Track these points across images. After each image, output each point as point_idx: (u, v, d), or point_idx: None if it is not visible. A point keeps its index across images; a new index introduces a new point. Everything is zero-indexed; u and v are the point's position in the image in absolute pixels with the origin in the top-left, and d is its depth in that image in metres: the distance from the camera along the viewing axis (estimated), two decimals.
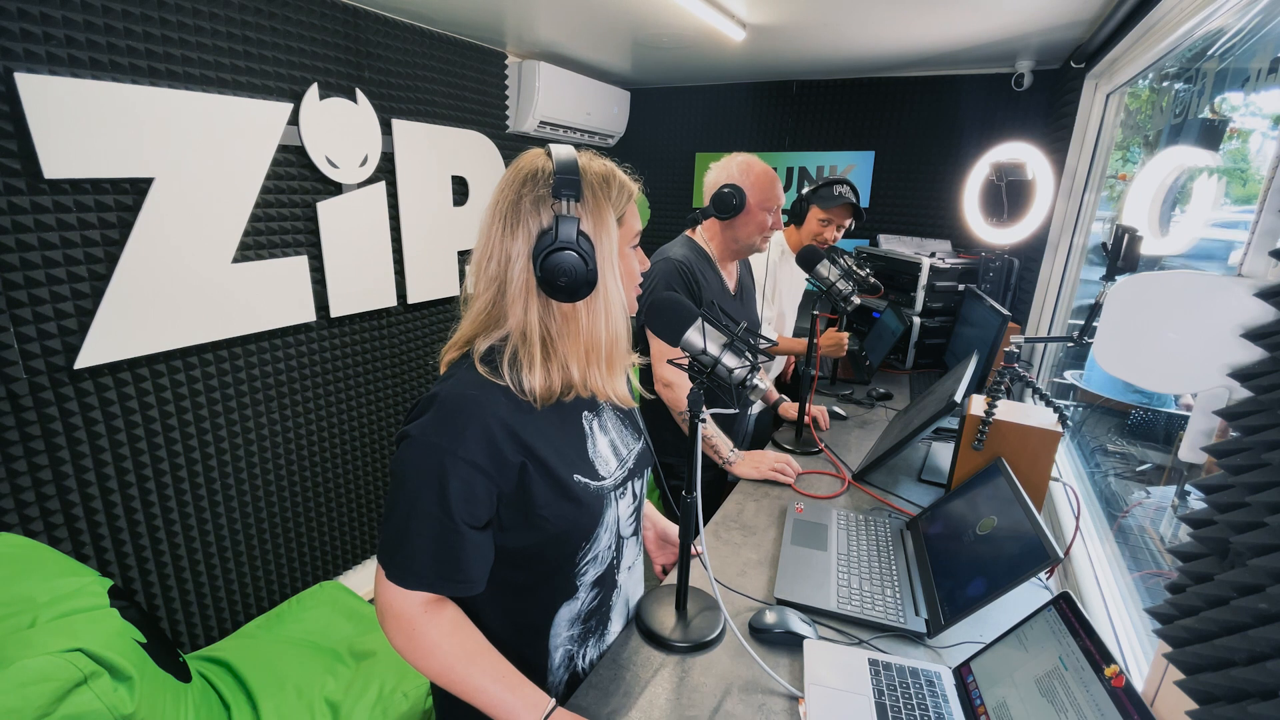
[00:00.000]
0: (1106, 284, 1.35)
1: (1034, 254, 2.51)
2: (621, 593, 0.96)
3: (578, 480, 0.81)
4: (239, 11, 1.78)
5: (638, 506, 0.95)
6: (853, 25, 2.21)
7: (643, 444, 0.97)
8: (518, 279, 0.76)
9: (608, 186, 0.79)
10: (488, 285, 0.78)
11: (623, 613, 0.98)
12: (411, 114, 2.38)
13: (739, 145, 3.49)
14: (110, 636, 1.13)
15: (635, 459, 0.93)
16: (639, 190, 0.84)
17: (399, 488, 0.76)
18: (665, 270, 1.54)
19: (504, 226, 0.76)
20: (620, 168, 0.84)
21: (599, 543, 0.86)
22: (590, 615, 0.90)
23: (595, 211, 0.77)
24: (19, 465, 1.50)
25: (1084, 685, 0.73)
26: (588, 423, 0.87)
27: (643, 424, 1.01)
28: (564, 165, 0.75)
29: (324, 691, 1.52)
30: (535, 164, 0.78)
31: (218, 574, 1.99)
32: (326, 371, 2.24)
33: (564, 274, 0.73)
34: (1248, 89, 1.37)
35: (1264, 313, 0.64)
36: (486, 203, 0.80)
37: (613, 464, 0.88)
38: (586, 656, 0.93)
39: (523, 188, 0.76)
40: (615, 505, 0.87)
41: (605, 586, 0.91)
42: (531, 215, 0.75)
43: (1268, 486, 0.56)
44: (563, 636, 0.88)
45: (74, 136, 1.48)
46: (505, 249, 0.76)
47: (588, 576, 0.87)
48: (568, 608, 0.87)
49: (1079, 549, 1.33)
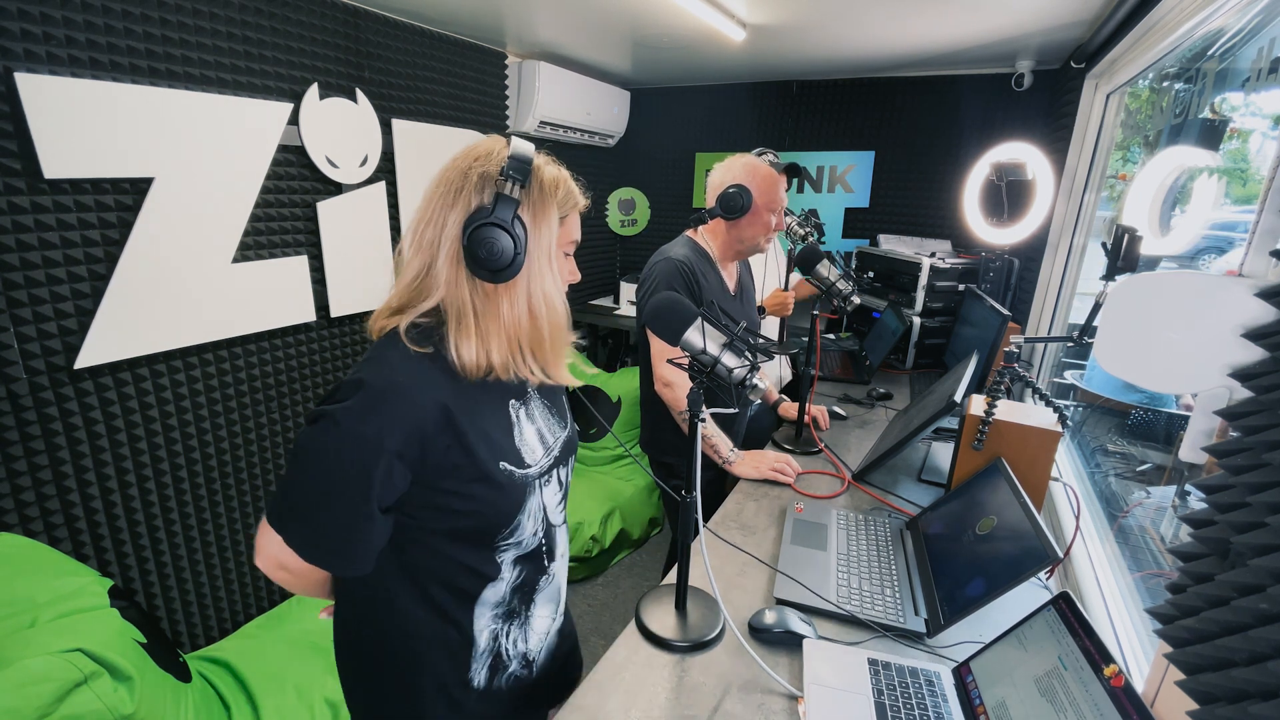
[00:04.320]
0: (1106, 284, 1.35)
1: (1034, 254, 2.51)
2: (553, 580, 0.95)
3: (503, 468, 0.81)
4: (239, 11, 1.78)
5: (564, 493, 0.95)
6: (853, 25, 2.21)
7: (569, 431, 0.97)
8: (448, 247, 0.77)
9: (556, 187, 0.81)
10: (419, 250, 0.79)
11: (552, 599, 0.97)
12: (411, 114, 2.38)
13: (739, 145, 3.47)
14: (110, 636, 1.13)
15: (561, 447, 0.94)
16: (586, 203, 0.85)
17: (309, 467, 0.75)
18: (666, 270, 1.54)
19: (444, 197, 0.77)
20: (574, 181, 0.85)
21: (522, 530, 0.85)
22: (514, 594, 0.90)
23: (538, 203, 0.78)
24: (19, 465, 1.50)
25: (1083, 685, 0.73)
26: (514, 411, 0.87)
27: (569, 411, 1.01)
28: (518, 154, 0.76)
29: (324, 691, 1.52)
30: (492, 146, 0.79)
31: (218, 574, 1.99)
32: (326, 371, 2.24)
33: (488, 251, 0.73)
34: (1248, 89, 1.37)
35: (1264, 313, 0.64)
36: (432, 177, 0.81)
37: (539, 452, 0.88)
38: (511, 637, 0.91)
39: (473, 164, 0.78)
40: (539, 493, 0.87)
41: (531, 568, 0.90)
42: (475, 191, 0.76)
43: (1268, 486, 0.56)
44: (487, 616, 0.88)
45: (74, 136, 1.47)
46: (443, 217, 0.77)
47: (508, 555, 0.86)
48: (492, 589, 0.87)
49: (1079, 549, 1.33)
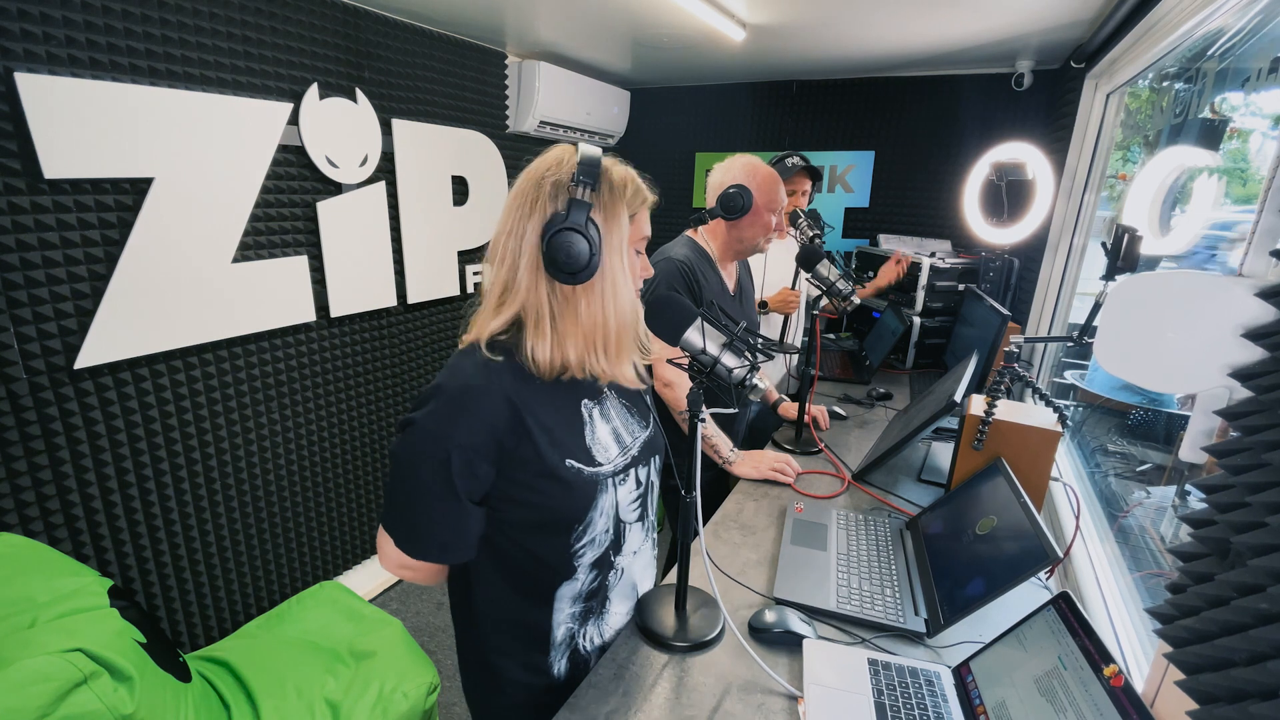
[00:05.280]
0: (1106, 284, 1.35)
1: (1034, 254, 2.51)
2: (624, 576, 0.97)
3: (570, 465, 0.84)
4: (239, 11, 1.78)
5: (643, 493, 0.96)
6: (853, 25, 2.21)
7: (651, 431, 0.99)
8: (527, 256, 0.81)
9: (625, 186, 0.84)
10: (502, 262, 0.83)
11: (627, 595, 1.00)
12: (411, 114, 2.38)
13: (739, 145, 3.49)
14: (110, 636, 1.13)
15: (640, 447, 0.95)
16: (654, 198, 0.88)
17: (402, 470, 0.81)
18: (666, 270, 1.54)
19: (522, 208, 0.81)
20: (642, 178, 0.89)
21: (594, 527, 0.88)
22: (590, 595, 0.93)
23: (609, 205, 0.82)
24: (19, 465, 1.50)
25: (1083, 685, 0.73)
26: (587, 410, 0.90)
27: (654, 411, 1.02)
28: (587, 158, 0.80)
29: (324, 691, 1.52)
30: (562, 155, 0.83)
31: (218, 574, 1.99)
32: (326, 371, 2.24)
33: (568, 254, 0.77)
34: (1248, 89, 1.37)
35: (1264, 313, 0.64)
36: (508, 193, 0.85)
37: (613, 451, 0.90)
38: (588, 635, 0.95)
39: (546, 173, 0.82)
40: (613, 491, 0.89)
41: (603, 568, 0.93)
42: (549, 199, 0.80)
43: (1268, 486, 0.56)
44: (565, 614, 0.91)
45: (74, 136, 1.47)
46: (522, 227, 0.81)
47: (585, 558, 0.89)
48: (568, 586, 0.90)
49: (1079, 549, 1.33)
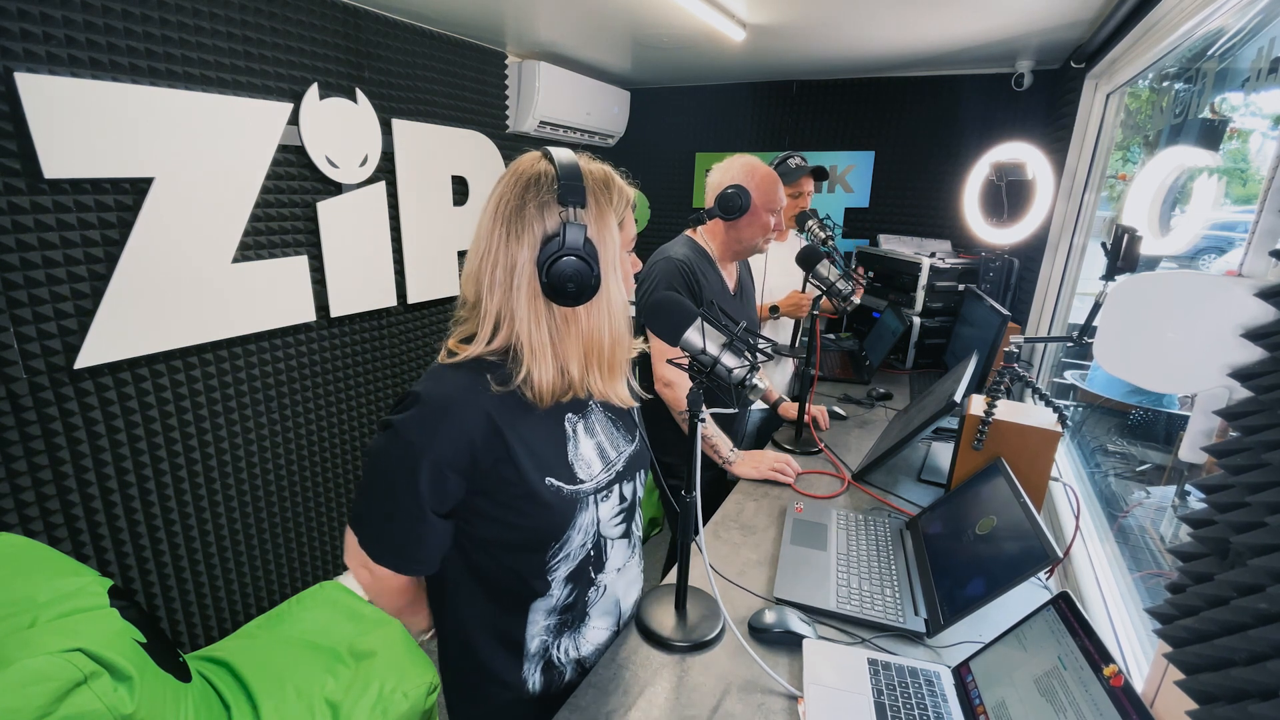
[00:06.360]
0: (1106, 284, 1.35)
1: (1034, 254, 2.51)
2: (606, 593, 0.94)
3: (549, 484, 0.81)
4: (239, 11, 1.78)
5: (627, 509, 0.94)
6: (853, 25, 2.21)
7: (636, 446, 0.96)
8: (522, 285, 0.77)
9: (608, 191, 0.80)
10: (492, 290, 0.78)
11: (609, 611, 0.97)
12: (411, 114, 2.38)
13: (739, 145, 3.49)
14: (110, 636, 1.13)
15: (626, 462, 0.92)
16: (636, 193, 0.85)
17: (373, 471, 0.81)
18: (666, 270, 1.54)
19: (507, 232, 0.76)
20: (616, 171, 0.85)
21: (570, 543, 0.85)
22: (566, 609, 0.90)
23: (599, 217, 0.78)
24: (19, 465, 1.50)
25: (1083, 685, 0.73)
26: (570, 425, 0.87)
27: (641, 426, 1.00)
28: (568, 170, 0.75)
29: (324, 691, 1.52)
30: (536, 168, 0.77)
31: (218, 574, 1.99)
32: (326, 371, 2.24)
33: (571, 280, 0.74)
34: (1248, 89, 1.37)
35: (1264, 313, 0.64)
36: (484, 205, 0.80)
37: (596, 467, 0.87)
38: (563, 647, 0.92)
39: (526, 193, 0.76)
40: (593, 508, 0.86)
41: (581, 584, 0.90)
42: (536, 221, 0.75)
43: (1268, 486, 0.56)
44: (539, 625, 0.89)
45: (74, 136, 1.47)
46: (511, 255, 0.76)
47: (559, 573, 0.87)
48: (542, 601, 0.87)
49: (1079, 549, 1.33)
